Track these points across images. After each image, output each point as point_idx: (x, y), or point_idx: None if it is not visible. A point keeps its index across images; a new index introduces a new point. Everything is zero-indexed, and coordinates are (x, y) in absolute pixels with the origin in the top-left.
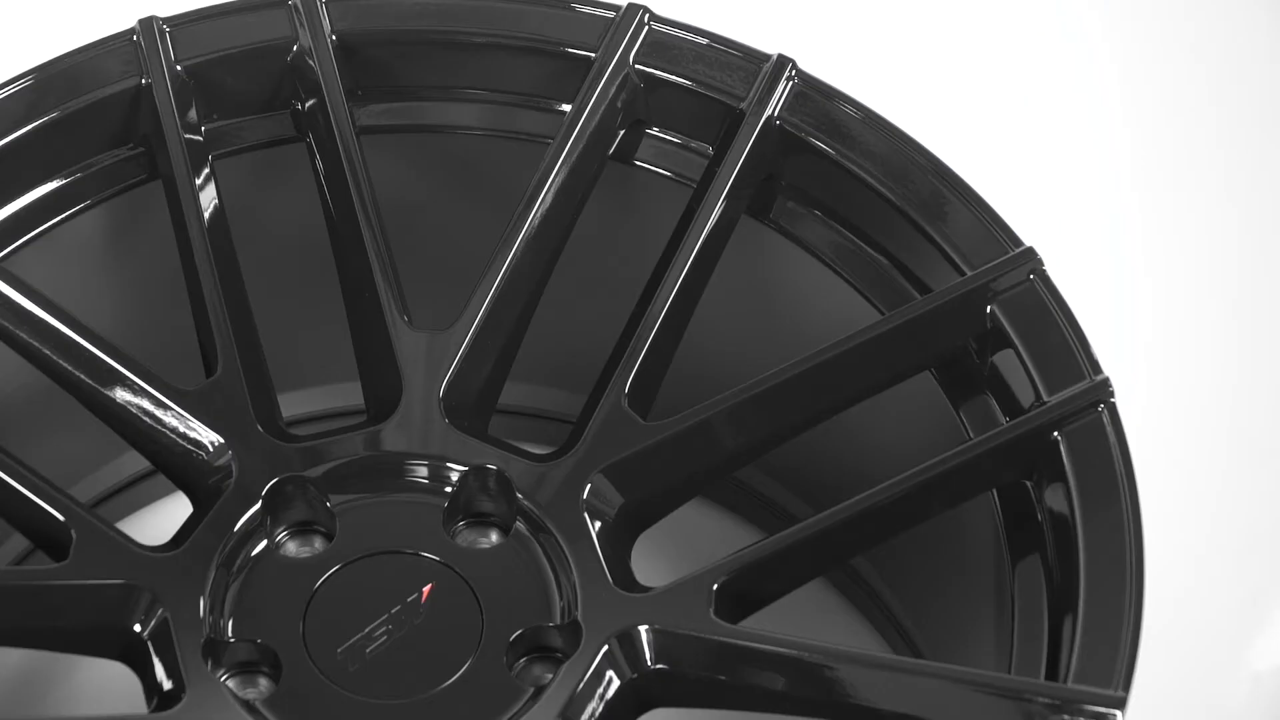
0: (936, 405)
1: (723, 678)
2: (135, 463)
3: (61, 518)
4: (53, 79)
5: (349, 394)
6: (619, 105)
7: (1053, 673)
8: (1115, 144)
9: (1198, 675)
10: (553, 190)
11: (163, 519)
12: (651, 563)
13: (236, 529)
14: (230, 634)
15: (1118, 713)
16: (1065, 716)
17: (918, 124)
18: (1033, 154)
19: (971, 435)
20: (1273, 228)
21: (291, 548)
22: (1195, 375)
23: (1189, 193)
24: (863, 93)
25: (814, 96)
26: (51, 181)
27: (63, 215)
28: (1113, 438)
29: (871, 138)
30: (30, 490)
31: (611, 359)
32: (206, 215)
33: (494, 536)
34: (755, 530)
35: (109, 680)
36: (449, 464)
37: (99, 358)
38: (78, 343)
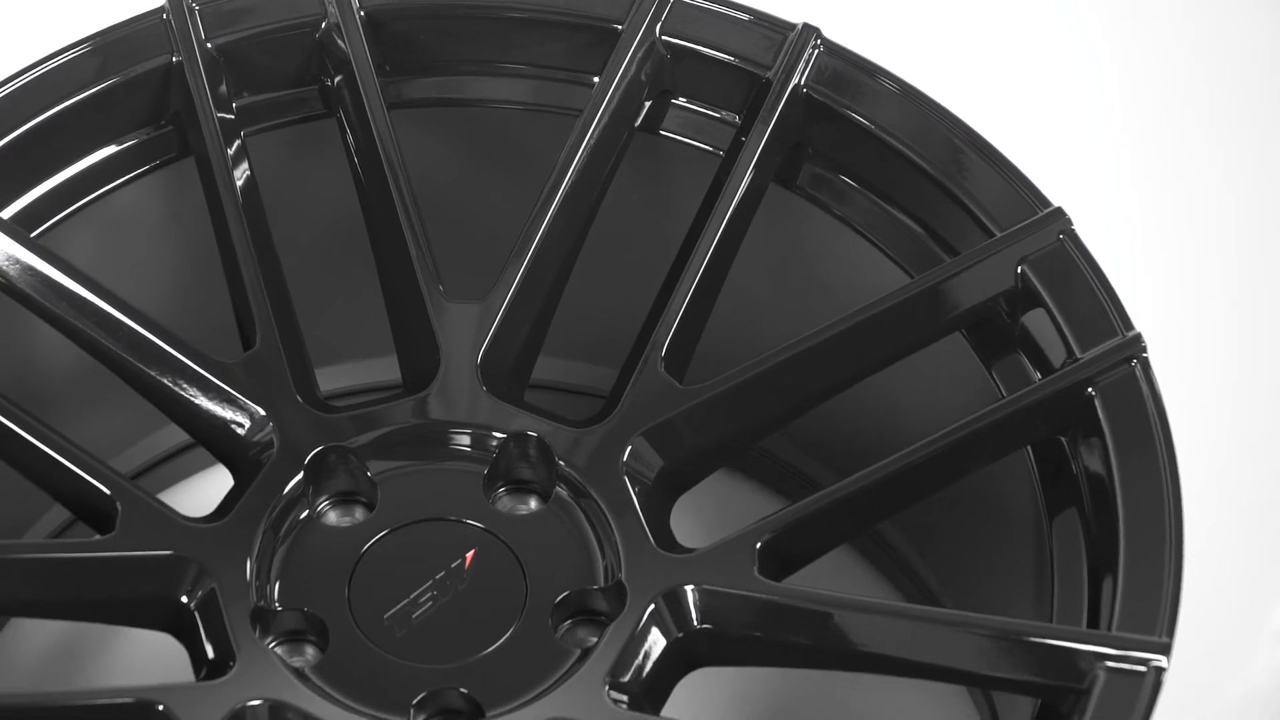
0: (956, 373)
1: (769, 635)
2: (167, 439)
3: (107, 491)
4: (83, 58)
5: (376, 370)
6: (645, 77)
7: (1094, 623)
8: (1139, 103)
9: (1225, 629)
10: (582, 162)
11: (196, 494)
12: (677, 530)
13: (280, 499)
14: (277, 603)
15: (1163, 658)
16: (1112, 663)
17: (942, 90)
18: (1056, 118)
19: (1004, 394)
20: None
21: (334, 516)
22: (1221, 334)
23: (1215, 154)
24: (887, 60)
25: (840, 64)
26: (83, 159)
27: (93, 194)
28: (1147, 391)
29: (898, 104)
30: (75, 464)
31: (646, 325)
32: (240, 191)
33: (535, 502)
34: (780, 499)
35: (147, 651)
36: (489, 431)
37: (138, 332)
38: (116, 318)
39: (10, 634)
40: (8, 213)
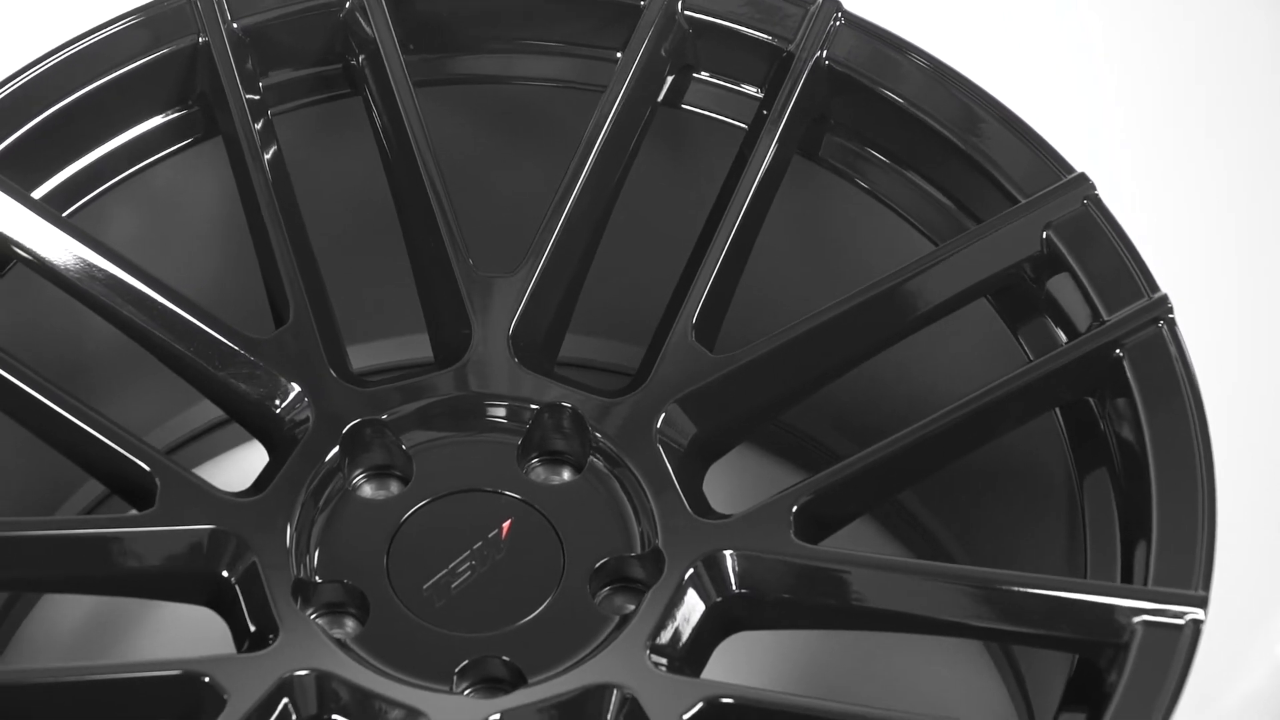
0: (978, 345)
1: (807, 598)
2: (195, 418)
3: (147, 467)
4: (111, 39)
5: (398, 349)
6: (666, 52)
7: (1128, 581)
8: (1158, 68)
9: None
10: (606, 137)
11: (227, 471)
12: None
13: (317, 472)
14: (317, 575)
15: (1200, 611)
16: (1149, 617)
17: (962, 60)
18: (1076, 87)
19: (1031, 357)
20: None
21: (370, 489)
22: (1243, 297)
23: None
24: (907, 31)
25: (861, 37)
26: (110, 140)
27: (120, 175)
28: (1174, 351)
29: (920, 75)
30: (113, 440)
31: (675, 296)
32: (269, 169)
33: (569, 472)
34: (798, 471)
35: (178, 627)
36: (522, 402)
37: (172, 310)
38: (150, 296)
39: (41, 612)
40: (37, 193)
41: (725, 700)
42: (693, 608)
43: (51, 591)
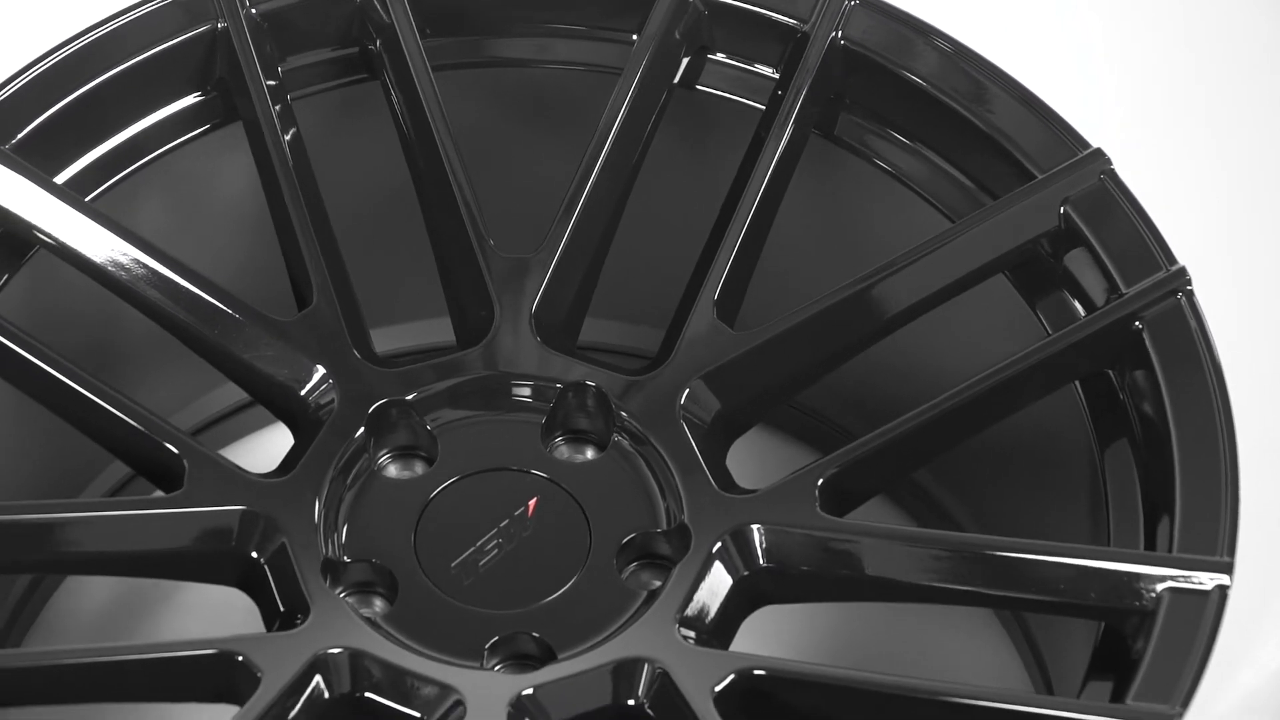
0: (989, 324)
1: (835, 571)
2: (215, 403)
3: (175, 449)
4: (129, 26)
5: (415, 334)
6: (681, 33)
7: (1151, 549)
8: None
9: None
10: (623, 119)
11: (247, 455)
12: None
13: (344, 453)
14: (346, 554)
15: (1226, 576)
16: (1176, 584)
17: (975, 38)
18: (1088, 64)
19: (1050, 331)
20: None
21: (396, 469)
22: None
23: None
24: (920, 10)
25: (875, 16)
26: (129, 127)
27: (139, 161)
28: (1194, 322)
29: (934, 53)
30: (141, 424)
31: (695, 274)
32: (289, 154)
33: (594, 450)
34: (813, 452)
35: (204, 608)
36: (546, 381)
37: (196, 294)
38: (175, 280)
39: (63, 595)
40: (58, 179)
41: (758, 671)
42: (720, 582)
43: (83, 573)
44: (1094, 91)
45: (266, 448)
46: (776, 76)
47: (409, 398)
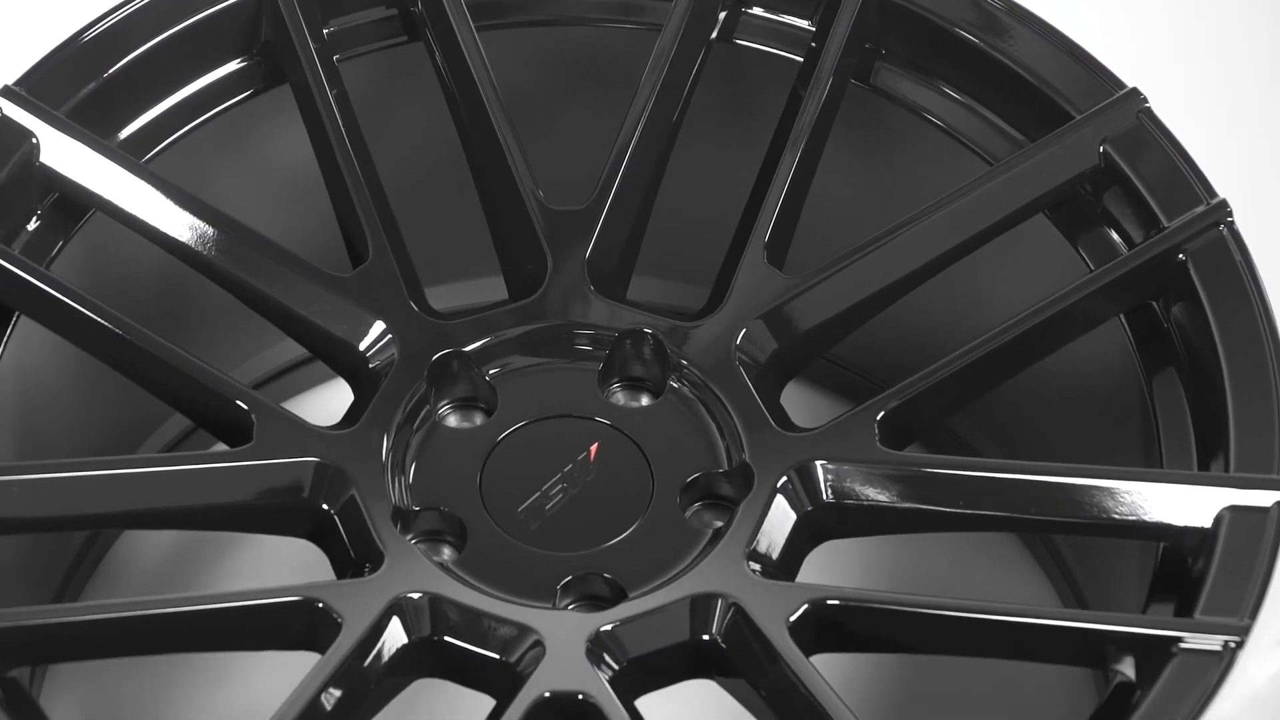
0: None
1: (898, 503)
2: (265, 364)
3: (244, 405)
4: None
5: (458, 295)
6: None
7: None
8: None
9: None
10: (665, 72)
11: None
12: None
13: (407, 404)
14: (415, 503)
15: None
16: (1238, 501)
17: None
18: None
19: (1092, 268)
20: None
21: (458, 419)
22: None
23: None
24: None
25: None
26: (178, 92)
27: (185, 127)
28: (1237, 253)
29: (969, 1)
30: (209, 380)
31: (742, 222)
32: (339, 114)
33: (652, 394)
34: (843, 401)
35: (256, 560)
36: (603, 329)
37: (255, 253)
38: (234, 239)
39: (122, 544)
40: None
41: (831, 601)
42: (785, 518)
43: (156, 528)
44: (1126, 32)
45: (326, 406)
46: (813, 29)
47: (468, 349)
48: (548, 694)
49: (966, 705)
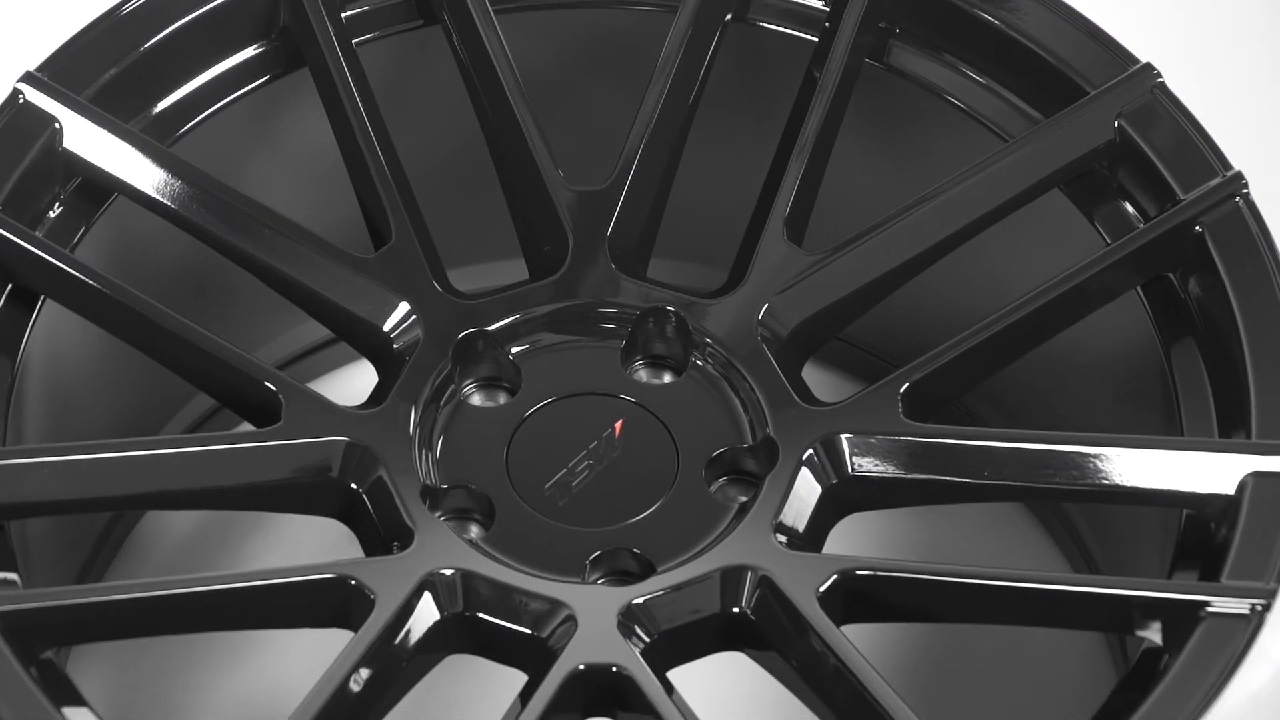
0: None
1: (925, 475)
2: (287, 346)
3: (272, 385)
4: None
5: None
6: None
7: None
8: None
9: None
10: (681, 54)
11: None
12: None
13: (433, 383)
14: (443, 481)
15: None
16: (1261, 467)
17: None
18: None
19: (1108, 241)
20: None
21: (483, 397)
22: None
23: None
24: None
25: None
26: (200, 76)
27: (204, 112)
28: (1253, 224)
29: None
30: (236, 362)
31: (761, 200)
32: (359, 97)
33: (675, 372)
34: (857, 382)
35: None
36: (626, 307)
37: (278, 235)
38: (257, 222)
39: (147, 523)
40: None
41: (861, 572)
42: (811, 491)
43: (189, 508)
44: (1139, 8)
45: (332, 390)
46: (828, 8)
47: (492, 328)
48: (581, 666)
49: (986, 676)
